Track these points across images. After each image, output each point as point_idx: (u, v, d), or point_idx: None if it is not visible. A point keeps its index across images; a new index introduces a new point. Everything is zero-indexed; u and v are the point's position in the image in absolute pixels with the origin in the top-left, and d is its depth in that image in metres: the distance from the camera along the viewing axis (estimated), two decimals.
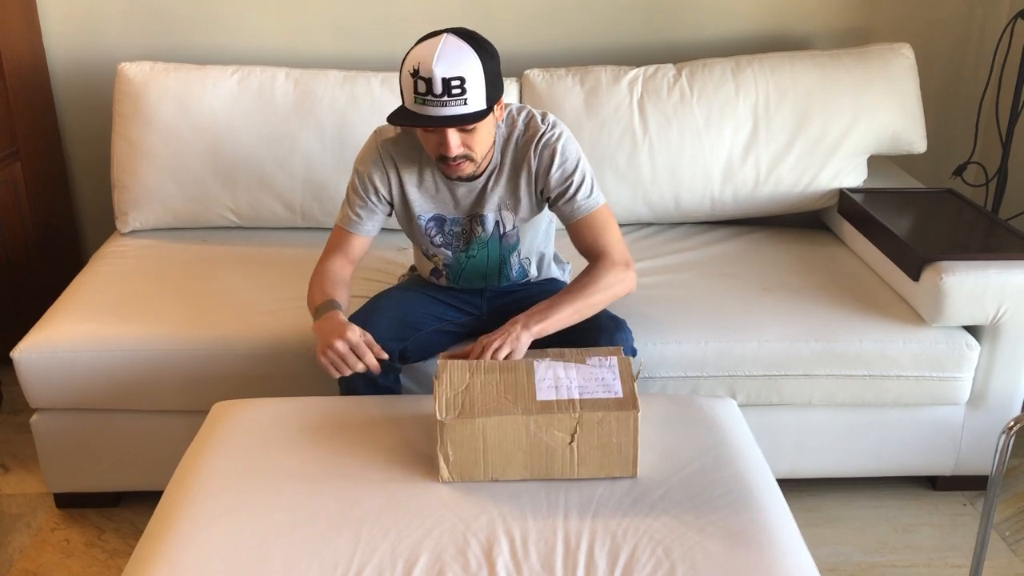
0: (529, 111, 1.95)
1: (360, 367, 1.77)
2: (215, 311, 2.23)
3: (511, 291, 2.12)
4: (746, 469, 1.66)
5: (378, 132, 1.98)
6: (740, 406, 1.96)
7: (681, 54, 2.87)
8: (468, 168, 1.85)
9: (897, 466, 2.34)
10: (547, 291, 2.10)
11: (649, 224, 2.74)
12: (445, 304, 2.10)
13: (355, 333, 1.78)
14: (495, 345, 1.75)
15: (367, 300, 2.10)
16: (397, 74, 2.60)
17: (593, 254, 1.94)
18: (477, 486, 1.60)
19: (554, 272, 2.20)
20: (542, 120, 1.93)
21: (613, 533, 1.48)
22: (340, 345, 1.76)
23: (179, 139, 2.56)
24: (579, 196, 1.92)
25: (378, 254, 2.44)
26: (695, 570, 1.41)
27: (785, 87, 2.64)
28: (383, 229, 2.05)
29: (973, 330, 2.23)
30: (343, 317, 1.83)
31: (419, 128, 1.80)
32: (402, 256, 2.49)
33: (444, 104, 1.71)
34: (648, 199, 2.65)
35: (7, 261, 2.72)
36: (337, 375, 1.79)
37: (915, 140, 2.71)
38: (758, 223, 2.77)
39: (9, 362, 2.14)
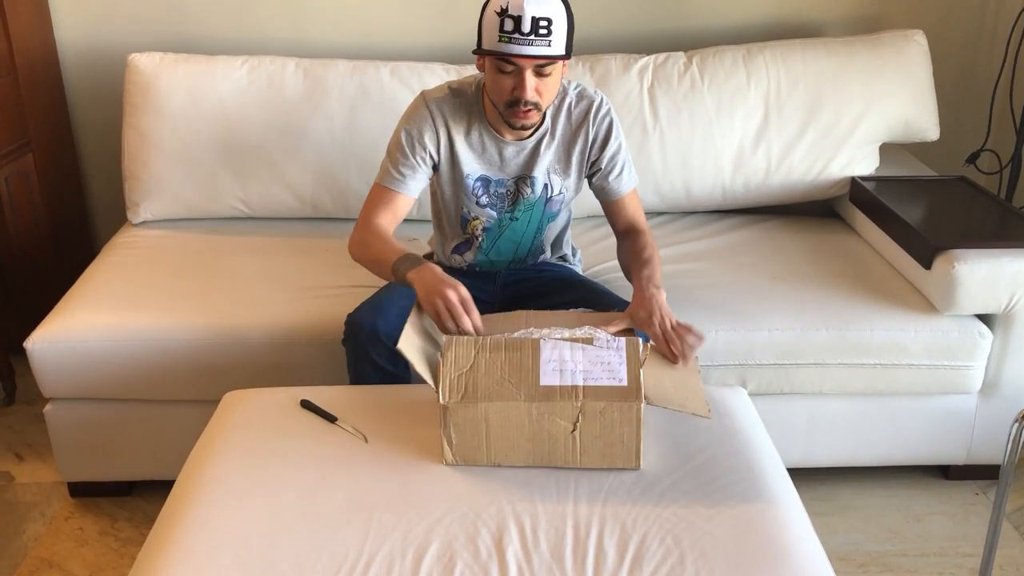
0: (575, 82, 2.02)
1: (466, 322, 1.72)
2: (226, 301, 2.23)
3: (525, 278, 2.13)
4: (757, 458, 1.65)
5: (424, 93, 1.99)
6: (751, 395, 1.95)
7: (692, 41, 2.85)
8: (534, 117, 1.88)
9: (909, 455, 2.33)
10: (561, 276, 2.11)
11: (660, 213, 2.73)
12: None
13: (463, 290, 1.74)
14: (671, 322, 1.75)
15: (377, 289, 2.10)
16: (403, 63, 2.64)
17: (633, 228, 2.07)
18: (487, 474, 1.60)
19: (565, 251, 2.22)
20: (594, 92, 2.01)
21: (623, 522, 1.48)
22: (453, 296, 1.71)
23: (190, 129, 2.57)
24: (625, 173, 2.04)
25: None
26: (705, 559, 1.41)
27: (796, 75, 2.62)
28: None
29: (985, 318, 2.22)
30: (442, 272, 1.79)
31: (495, 71, 1.83)
32: (412, 247, 2.48)
33: (530, 43, 1.76)
34: (659, 188, 2.64)
35: (20, 252, 2.74)
36: (449, 325, 1.72)
37: (928, 128, 2.70)
38: (769, 212, 2.76)
39: (23, 352, 2.15)
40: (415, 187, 1.99)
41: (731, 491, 1.55)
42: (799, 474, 1.91)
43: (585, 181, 2.08)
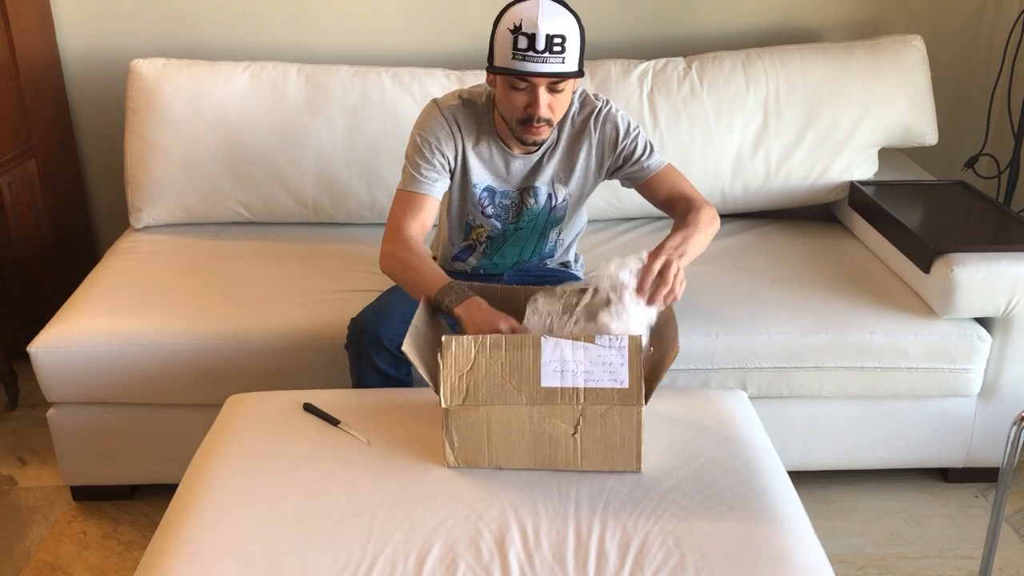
0: (580, 89, 2.01)
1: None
2: (228, 305, 2.24)
3: (528, 282, 2.14)
4: (757, 461, 1.66)
5: (436, 101, 1.99)
6: (751, 398, 1.96)
7: (691, 47, 2.87)
8: (545, 132, 1.89)
9: (908, 458, 2.34)
10: (562, 283, 2.11)
11: (660, 217, 2.74)
12: None
13: (514, 322, 1.73)
14: (674, 268, 1.70)
15: (380, 293, 2.11)
16: (405, 69, 2.66)
17: (677, 199, 2.00)
18: (489, 476, 1.61)
19: (568, 257, 2.23)
20: (595, 97, 2.01)
21: (624, 524, 1.49)
22: (506, 329, 1.69)
23: (192, 135, 2.58)
24: (646, 156, 2.01)
25: None
26: (705, 561, 1.41)
27: (795, 80, 2.64)
28: None
29: (984, 322, 2.23)
30: (489, 306, 1.76)
31: (508, 88, 1.82)
32: None
33: (544, 60, 1.77)
34: None
35: (23, 257, 2.74)
36: None
37: (926, 132, 2.71)
38: (768, 216, 2.77)
39: (26, 357, 2.16)
40: (440, 189, 1.96)
41: (732, 493, 1.56)
42: (799, 477, 1.91)
43: (595, 184, 2.07)
